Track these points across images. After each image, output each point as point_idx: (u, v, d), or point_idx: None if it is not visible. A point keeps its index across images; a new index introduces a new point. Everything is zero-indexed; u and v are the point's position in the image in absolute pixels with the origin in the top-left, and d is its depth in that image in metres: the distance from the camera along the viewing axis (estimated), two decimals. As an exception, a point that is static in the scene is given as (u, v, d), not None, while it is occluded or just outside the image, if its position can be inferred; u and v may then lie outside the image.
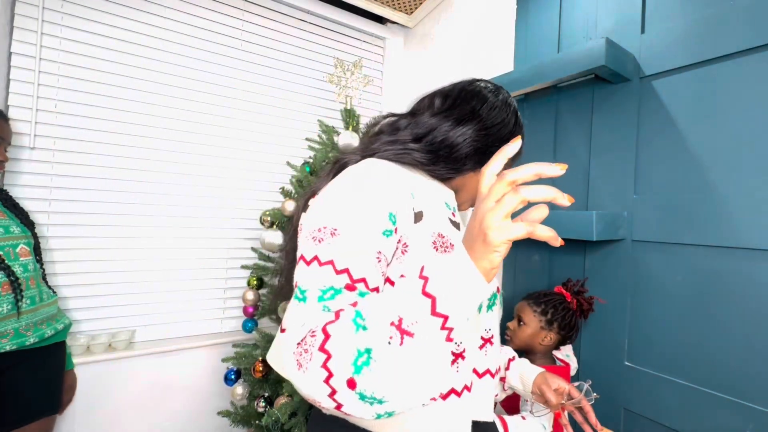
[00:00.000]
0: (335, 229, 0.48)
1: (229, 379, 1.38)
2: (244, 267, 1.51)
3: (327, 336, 0.38)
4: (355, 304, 0.43)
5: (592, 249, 1.24)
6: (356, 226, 0.48)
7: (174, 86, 1.53)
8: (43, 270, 1.18)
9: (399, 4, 1.83)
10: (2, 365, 1.01)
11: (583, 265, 1.27)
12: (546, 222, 0.51)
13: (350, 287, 0.45)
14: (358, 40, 1.97)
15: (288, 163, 1.51)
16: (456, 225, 0.59)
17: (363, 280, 0.47)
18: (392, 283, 0.51)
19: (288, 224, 1.36)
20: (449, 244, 0.54)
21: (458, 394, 0.56)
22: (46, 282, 1.18)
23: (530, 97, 1.50)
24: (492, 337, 0.63)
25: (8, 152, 1.17)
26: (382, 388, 0.36)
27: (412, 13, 1.90)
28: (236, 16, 1.65)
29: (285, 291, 0.63)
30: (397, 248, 0.52)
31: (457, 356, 0.56)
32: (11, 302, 1.00)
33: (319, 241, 0.47)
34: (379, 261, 0.49)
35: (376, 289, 0.48)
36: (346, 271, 0.46)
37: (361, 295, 0.45)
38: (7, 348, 0.99)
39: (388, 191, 0.52)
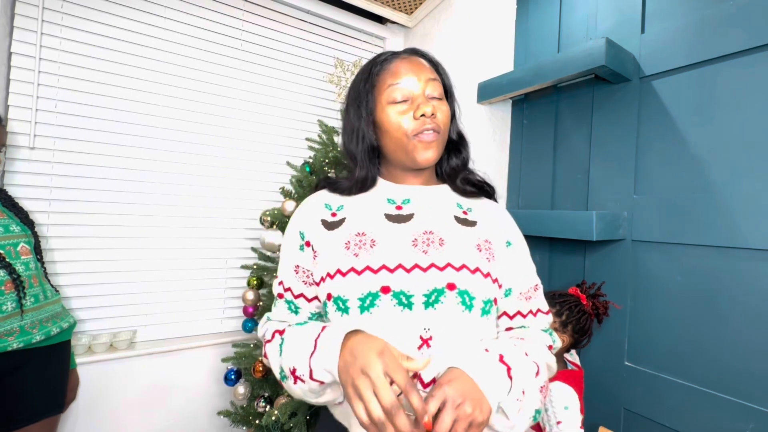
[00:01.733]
0: (281, 252, 0.71)
1: (230, 379, 1.38)
2: (244, 267, 1.51)
3: (265, 351, 0.66)
4: (282, 332, 0.64)
5: (592, 249, 1.25)
6: (283, 247, 0.70)
7: (174, 86, 1.53)
8: (44, 269, 1.18)
9: (399, 4, 1.83)
10: (10, 365, 1.01)
11: (583, 264, 1.27)
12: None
13: (281, 295, 0.69)
14: (358, 40, 1.97)
15: (288, 163, 1.51)
16: (396, 218, 0.65)
17: (289, 288, 0.68)
18: (324, 279, 0.63)
19: (288, 224, 1.36)
20: (368, 241, 0.62)
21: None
22: (49, 281, 1.18)
23: (530, 97, 1.51)
24: (431, 338, 0.57)
25: (6, 153, 1.17)
26: (291, 392, 0.61)
27: (412, 13, 1.90)
28: (236, 16, 1.65)
29: None
30: (313, 255, 0.65)
31: None
32: (15, 300, 1.00)
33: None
34: (297, 273, 0.67)
35: (301, 294, 0.67)
36: (281, 282, 0.69)
37: (287, 302, 0.68)
38: (14, 346, 0.99)
39: (298, 215, 0.70)
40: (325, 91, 1.84)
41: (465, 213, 0.68)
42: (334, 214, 0.67)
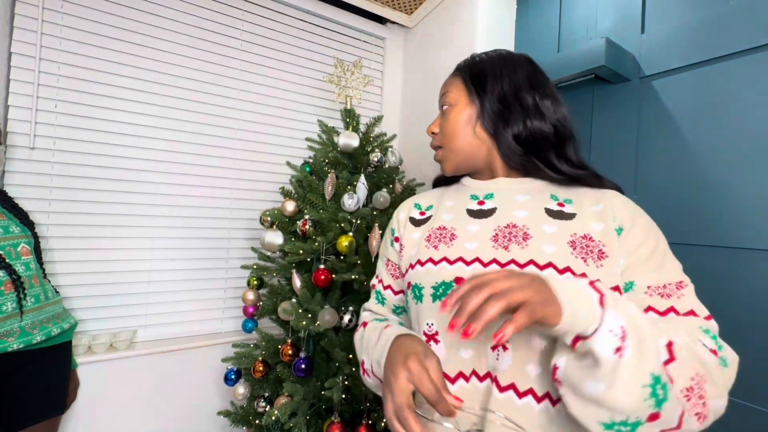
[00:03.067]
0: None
1: (229, 379, 1.38)
2: (244, 267, 1.51)
3: (355, 340, 0.73)
4: (365, 324, 0.71)
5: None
6: (381, 243, 0.79)
7: (174, 86, 1.53)
8: (44, 270, 1.18)
9: (399, 4, 1.83)
10: (11, 366, 1.01)
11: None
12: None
13: (374, 286, 0.77)
14: (358, 40, 1.97)
15: (288, 163, 1.51)
16: (477, 213, 0.65)
17: (381, 280, 0.75)
18: (407, 271, 0.68)
19: (288, 224, 1.36)
20: (448, 235, 0.64)
21: (466, 378, 0.60)
22: (48, 281, 1.18)
23: (530, 97, 1.50)
24: (436, 334, 0.58)
25: (6, 153, 1.17)
26: (367, 384, 0.67)
27: (412, 13, 1.90)
28: (236, 16, 1.65)
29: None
30: (400, 249, 0.71)
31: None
32: (15, 301, 1.00)
33: None
34: (387, 266, 0.74)
35: (389, 287, 0.74)
36: (377, 276, 0.77)
37: (377, 292, 0.76)
38: (15, 347, 0.99)
39: (395, 215, 0.77)
40: (325, 91, 1.84)
41: (561, 205, 0.60)
42: (422, 213, 0.72)
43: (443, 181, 0.78)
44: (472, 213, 0.65)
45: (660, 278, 0.52)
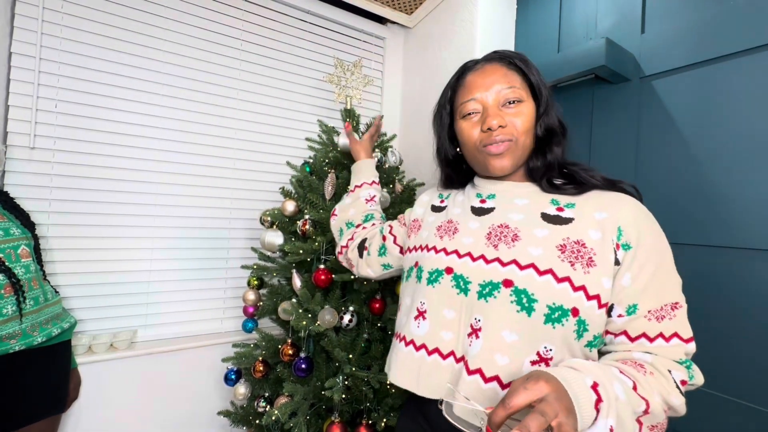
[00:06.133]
0: None
1: (230, 379, 1.38)
2: (244, 267, 1.51)
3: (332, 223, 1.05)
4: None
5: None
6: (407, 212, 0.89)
7: (174, 86, 1.53)
8: (44, 271, 1.18)
9: (399, 4, 1.83)
10: (11, 366, 1.02)
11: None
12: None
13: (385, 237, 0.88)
14: (358, 40, 1.97)
15: (288, 163, 1.51)
16: (478, 210, 0.70)
17: (391, 225, 0.89)
18: (417, 248, 0.75)
19: (288, 224, 1.36)
20: (452, 228, 0.70)
21: (443, 355, 0.63)
22: (48, 282, 1.18)
23: (530, 97, 1.50)
24: (480, 329, 0.58)
25: (6, 153, 1.17)
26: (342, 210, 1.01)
27: (412, 13, 1.90)
28: (236, 16, 1.65)
29: None
30: (418, 226, 0.79)
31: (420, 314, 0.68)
32: (14, 304, 1.00)
33: None
34: (401, 221, 0.88)
35: (391, 226, 0.88)
36: (390, 223, 0.91)
37: (381, 229, 0.91)
38: (16, 348, 1.00)
39: (423, 196, 0.87)
40: (325, 91, 1.84)
41: (560, 209, 0.62)
42: (442, 201, 0.80)
43: (453, 183, 0.81)
44: (474, 210, 0.70)
45: (659, 300, 0.56)
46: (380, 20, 1.99)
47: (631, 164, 1.18)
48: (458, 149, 0.75)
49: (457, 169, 0.79)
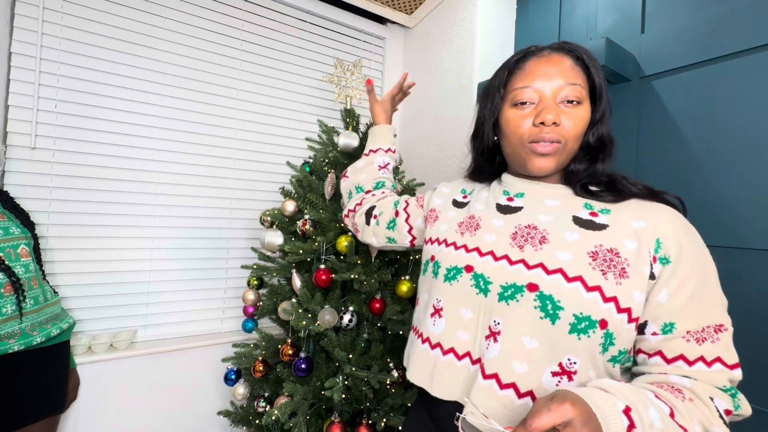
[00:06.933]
0: None
1: (229, 379, 1.38)
2: (244, 267, 1.51)
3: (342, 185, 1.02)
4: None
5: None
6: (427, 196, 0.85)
7: (174, 86, 1.53)
8: (43, 271, 1.18)
9: (399, 4, 1.83)
10: (11, 366, 1.02)
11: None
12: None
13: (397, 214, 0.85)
14: (358, 40, 1.97)
15: (288, 163, 1.51)
16: (504, 208, 0.66)
17: (408, 200, 0.85)
18: (434, 241, 0.72)
19: (288, 224, 1.36)
20: (474, 224, 0.66)
21: (458, 356, 0.61)
22: (47, 282, 1.18)
23: (530, 97, 1.50)
24: (499, 333, 0.55)
25: (6, 153, 1.17)
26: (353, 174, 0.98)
27: (412, 13, 1.90)
28: (236, 16, 1.65)
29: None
30: (435, 218, 0.75)
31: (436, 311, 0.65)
32: (14, 303, 1.00)
33: None
34: (419, 200, 0.83)
35: (407, 203, 0.85)
36: (407, 200, 0.87)
37: (396, 203, 0.87)
38: (15, 348, 0.99)
39: (445, 188, 0.81)
40: (325, 91, 1.84)
41: (594, 214, 0.58)
42: (465, 197, 0.75)
43: (481, 176, 0.76)
44: (499, 208, 0.66)
45: (700, 321, 0.51)
46: (380, 20, 1.99)
47: (631, 164, 1.18)
48: (496, 138, 0.69)
49: (491, 159, 0.73)
